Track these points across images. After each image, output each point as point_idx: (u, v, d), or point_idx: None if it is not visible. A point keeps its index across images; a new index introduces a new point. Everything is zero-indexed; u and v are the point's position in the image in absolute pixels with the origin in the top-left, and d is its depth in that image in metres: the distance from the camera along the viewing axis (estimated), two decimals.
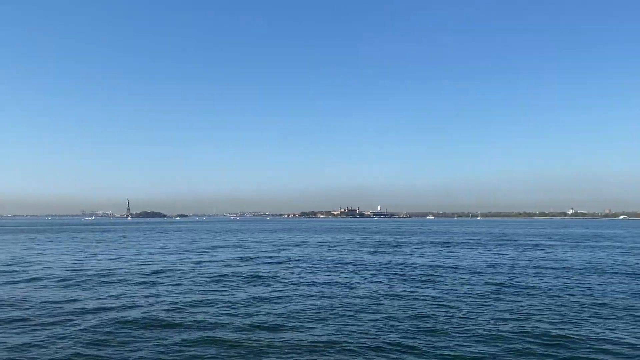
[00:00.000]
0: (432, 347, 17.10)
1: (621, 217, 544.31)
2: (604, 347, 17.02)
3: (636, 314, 22.46)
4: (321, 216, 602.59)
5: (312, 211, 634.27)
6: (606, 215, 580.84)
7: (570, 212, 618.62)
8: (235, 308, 23.89)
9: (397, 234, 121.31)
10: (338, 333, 18.92)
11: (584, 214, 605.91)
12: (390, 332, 19.13)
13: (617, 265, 44.40)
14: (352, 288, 30.28)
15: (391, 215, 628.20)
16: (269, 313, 22.63)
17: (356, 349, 16.86)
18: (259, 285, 31.74)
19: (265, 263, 46.02)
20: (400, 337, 18.29)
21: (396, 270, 40.39)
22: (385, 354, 16.31)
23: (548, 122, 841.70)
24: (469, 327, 19.74)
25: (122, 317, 21.83)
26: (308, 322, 20.88)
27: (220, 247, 69.55)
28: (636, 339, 17.98)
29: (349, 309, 23.65)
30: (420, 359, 15.93)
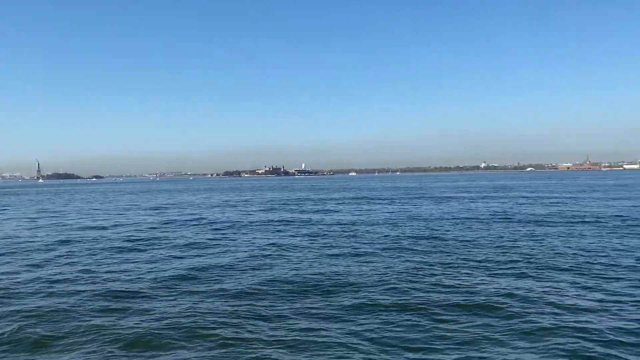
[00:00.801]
0: (346, 296, 16.95)
1: (528, 169, 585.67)
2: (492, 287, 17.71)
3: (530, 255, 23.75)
4: (245, 175, 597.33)
5: (237, 170, 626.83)
6: (515, 168, 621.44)
7: (483, 165, 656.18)
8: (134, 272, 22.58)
9: (320, 190, 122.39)
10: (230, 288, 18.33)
11: (495, 167, 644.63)
12: (308, 283, 18.81)
13: (518, 213, 47.22)
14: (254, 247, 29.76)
15: (315, 172, 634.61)
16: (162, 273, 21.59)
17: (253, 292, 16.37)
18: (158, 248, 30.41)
19: (177, 225, 44.40)
20: (314, 288, 18.02)
21: (319, 226, 40.37)
22: (292, 305, 15.94)
23: (461, 84, 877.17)
24: (385, 279, 19.85)
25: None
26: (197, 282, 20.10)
27: (135, 209, 66.45)
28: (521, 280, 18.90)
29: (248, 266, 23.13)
30: (330, 310, 15.70)
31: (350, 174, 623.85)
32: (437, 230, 35.84)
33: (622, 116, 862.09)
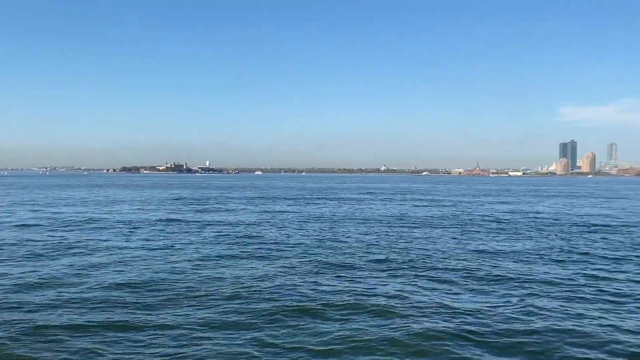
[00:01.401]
0: (243, 301, 16.53)
1: (424, 173, 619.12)
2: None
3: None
4: (145, 171, 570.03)
5: (135, 166, 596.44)
6: (412, 172, 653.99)
7: (383, 168, 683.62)
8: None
9: (225, 189, 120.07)
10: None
11: (394, 170, 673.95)
12: (181, 284, 18.09)
13: (414, 216, 49.53)
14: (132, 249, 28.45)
15: (220, 170, 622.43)
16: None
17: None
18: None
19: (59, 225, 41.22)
20: (191, 292, 17.39)
21: (216, 229, 39.37)
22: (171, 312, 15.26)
23: (361, 91, 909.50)
24: (284, 282, 19.66)
25: None
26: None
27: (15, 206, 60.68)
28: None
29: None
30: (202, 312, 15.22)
31: (256, 172, 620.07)
32: (339, 231, 36.43)
33: (508, 128, 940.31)
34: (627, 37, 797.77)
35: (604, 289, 19.20)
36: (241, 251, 27.31)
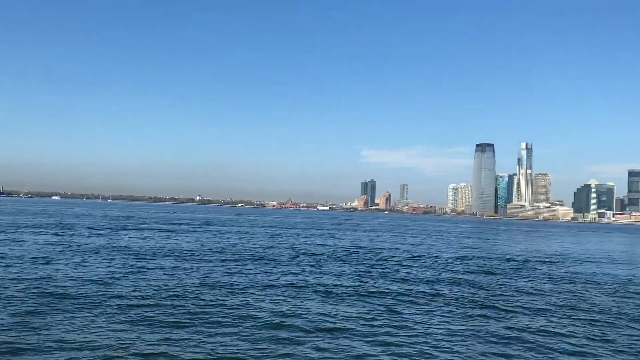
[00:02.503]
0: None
1: (239, 204, 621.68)
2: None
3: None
4: None
5: None
6: (227, 203, 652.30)
7: (197, 198, 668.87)
8: None
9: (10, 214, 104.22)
10: None
11: (209, 201, 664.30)
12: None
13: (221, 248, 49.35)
14: None
15: (8, 194, 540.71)
16: None
17: None
18: None
19: None
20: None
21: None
22: None
23: (184, 120, 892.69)
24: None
25: None
26: None
27: None
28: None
29: None
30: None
31: (53, 197, 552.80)
32: (146, 264, 34.23)
33: (318, 166, 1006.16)
34: (420, 95, 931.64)
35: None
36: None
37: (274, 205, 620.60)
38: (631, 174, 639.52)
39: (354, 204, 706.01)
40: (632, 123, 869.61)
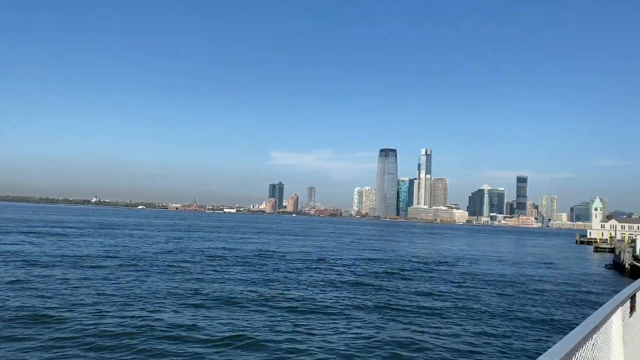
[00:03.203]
0: None
1: (140, 207, 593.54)
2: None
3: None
4: None
5: None
6: (127, 205, 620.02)
7: (94, 200, 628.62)
8: None
9: None
10: None
11: (107, 203, 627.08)
12: None
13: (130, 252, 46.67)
14: None
15: None
16: None
17: None
18: None
19: None
20: None
21: None
22: None
23: (85, 112, 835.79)
24: None
25: None
26: None
27: None
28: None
29: None
30: None
31: None
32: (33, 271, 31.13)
33: (225, 167, 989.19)
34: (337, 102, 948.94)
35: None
36: None
37: (177, 208, 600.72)
38: (519, 179, 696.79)
39: (262, 206, 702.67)
40: (522, 133, 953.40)
